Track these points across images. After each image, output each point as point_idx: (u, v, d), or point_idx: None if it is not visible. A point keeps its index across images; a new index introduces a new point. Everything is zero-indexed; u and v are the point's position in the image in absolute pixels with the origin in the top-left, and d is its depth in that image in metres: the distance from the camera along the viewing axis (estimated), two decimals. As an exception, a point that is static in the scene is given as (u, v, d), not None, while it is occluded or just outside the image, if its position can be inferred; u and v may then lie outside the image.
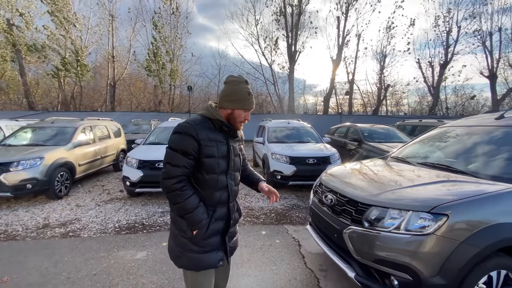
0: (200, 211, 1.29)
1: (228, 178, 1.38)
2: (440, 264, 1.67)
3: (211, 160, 1.30)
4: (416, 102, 26.69)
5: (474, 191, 1.84)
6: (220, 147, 1.33)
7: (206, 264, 1.34)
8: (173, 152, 1.28)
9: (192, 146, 1.26)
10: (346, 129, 8.34)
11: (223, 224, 1.40)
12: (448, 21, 21.40)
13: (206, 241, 1.34)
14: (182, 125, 1.29)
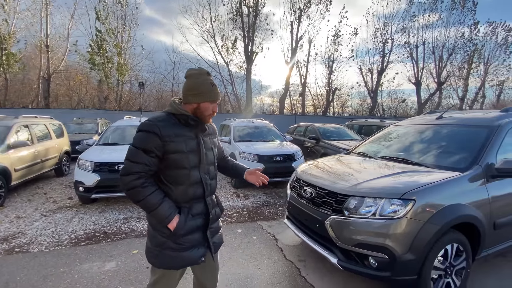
0: (165, 206, 1.25)
1: (201, 172, 1.36)
2: (410, 242, 1.93)
3: (179, 155, 1.28)
4: (358, 104, 29.72)
5: (431, 179, 2.18)
6: (188, 141, 1.31)
7: (186, 261, 1.33)
8: (134, 149, 1.25)
9: (154, 143, 1.23)
10: (304, 129, 8.85)
11: (202, 219, 1.37)
12: (384, 33, 24.35)
13: (185, 238, 1.31)
14: (145, 123, 1.27)
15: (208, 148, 1.42)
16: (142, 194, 1.22)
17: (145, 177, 1.25)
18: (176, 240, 1.29)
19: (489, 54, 27.38)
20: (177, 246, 1.30)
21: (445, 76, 26.80)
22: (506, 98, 30.72)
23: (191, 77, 1.33)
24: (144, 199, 1.23)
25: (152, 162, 1.25)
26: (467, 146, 2.57)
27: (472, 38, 25.46)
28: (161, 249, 1.30)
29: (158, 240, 1.30)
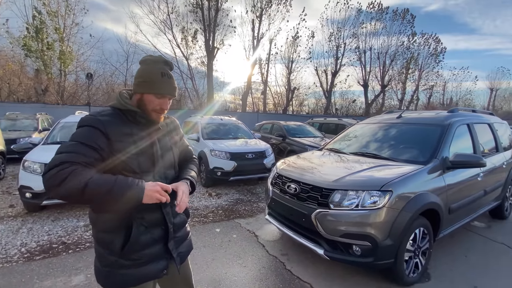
0: (122, 178, 0.97)
1: (156, 177, 1.14)
2: (389, 229, 2.14)
3: (128, 158, 1.06)
4: (314, 104, 31.47)
5: (401, 172, 2.44)
6: (139, 142, 1.10)
7: (144, 277, 1.13)
8: (69, 142, 1.00)
9: (96, 138, 1.00)
10: (271, 126, 9.04)
11: (160, 231, 1.16)
12: (338, 38, 26.13)
13: (141, 253, 1.10)
14: (86, 118, 1.05)
15: (166, 149, 1.22)
16: (82, 179, 0.88)
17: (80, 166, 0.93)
18: (129, 257, 1.09)
19: (422, 61, 31.43)
20: (130, 263, 1.10)
21: (387, 80, 29.98)
22: (435, 101, 35.66)
23: (143, 63, 1.15)
24: (89, 181, 0.89)
25: (91, 154, 0.97)
26: (426, 142, 2.93)
27: (409, 47, 28.95)
28: (111, 269, 1.09)
29: (107, 259, 1.09)
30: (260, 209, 4.34)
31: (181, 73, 20.90)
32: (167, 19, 18.99)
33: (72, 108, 11.26)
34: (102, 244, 1.10)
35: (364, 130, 3.84)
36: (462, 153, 2.67)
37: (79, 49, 16.68)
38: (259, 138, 7.03)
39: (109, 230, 1.09)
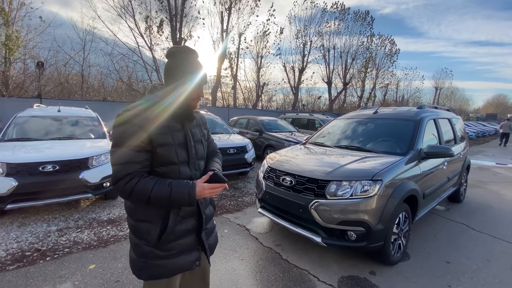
0: (177, 185, 1.07)
1: (191, 168, 1.19)
2: (380, 214, 2.35)
3: (167, 149, 1.11)
4: (282, 100, 32.20)
5: (386, 162, 2.67)
6: (175, 133, 1.14)
7: (178, 268, 1.18)
8: (116, 149, 1.06)
9: (139, 136, 1.05)
10: (247, 121, 9.06)
11: (194, 221, 1.22)
12: (304, 35, 26.92)
13: (175, 243, 1.15)
14: (123, 115, 1.07)
15: (197, 141, 1.26)
16: (146, 191, 1.03)
17: (138, 176, 1.05)
18: (164, 248, 1.13)
19: (379, 61, 33.97)
20: (165, 254, 1.14)
21: (349, 78, 31.84)
22: (389, 98, 38.91)
23: (177, 57, 1.15)
24: (151, 194, 1.03)
25: (142, 158, 1.07)
26: (403, 136, 3.23)
27: (369, 47, 31.04)
28: (146, 260, 1.13)
29: (143, 250, 1.13)
30: (246, 203, 4.38)
31: (145, 64, 19.71)
32: (128, 6, 17.64)
33: (20, 101, 9.93)
34: (138, 234, 1.15)
35: (344, 125, 4.08)
36: (435, 145, 3.02)
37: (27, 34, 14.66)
38: (238, 133, 7.02)
39: (147, 219, 1.14)
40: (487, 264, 2.68)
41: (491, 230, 3.53)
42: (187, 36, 18.67)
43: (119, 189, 1.04)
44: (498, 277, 2.46)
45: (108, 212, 3.76)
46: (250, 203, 4.42)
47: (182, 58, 1.14)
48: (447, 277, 2.46)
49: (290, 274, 2.45)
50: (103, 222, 3.45)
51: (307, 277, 2.41)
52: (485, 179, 6.62)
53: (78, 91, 17.96)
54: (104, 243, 2.90)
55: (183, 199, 1.07)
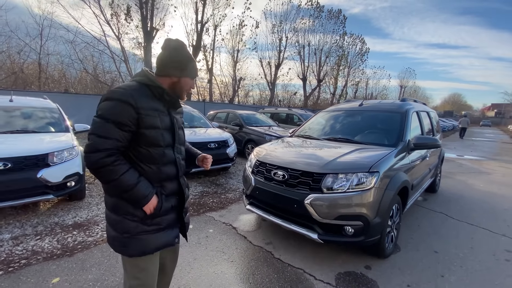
0: (143, 186, 1.15)
1: (175, 151, 1.28)
2: (377, 207, 2.27)
3: (155, 132, 1.16)
4: (259, 95, 32.12)
5: (379, 154, 2.60)
6: (162, 117, 1.20)
7: (162, 243, 1.25)
8: (102, 121, 1.07)
9: (128, 115, 1.08)
10: (226, 115, 8.76)
11: (175, 200, 1.31)
12: (280, 31, 26.91)
13: (161, 219, 1.24)
14: (116, 91, 1.10)
15: (179, 127, 1.35)
16: (115, 173, 1.08)
17: (116, 154, 1.10)
18: (152, 221, 1.20)
19: (351, 59, 35.21)
20: (152, 228, 1.21)
21: (323, 75, 32.61)
22: (360, 95, 40.63)
23: (173, 49, 1.22)
24: (118, 178, 1.09)
25: (125, 137, 1.10)
26: (391, 127, 3.21)
27: (342, 46, 31.96)
28: (131, 235, 1.17)
29: (127, 225, 1.17)
30: (230, 200, 4.14)
31: (112, 54, 18.32)
32: (92, -11, 16.13)
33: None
34: (121, 210, 1.18)
35: (331, 117, 4.00)
36: (423, 136, 3.03)
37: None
38: (217, 127, 6.72)
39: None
40: (472, 252, 2.76)
41: (467, 218, 3.69)
42: (159, 26, 17.64)
43: (92, 160, 1.06)
44: (484, 264, 2.53)
45: (73, 215, 3.31)
46: (234, 199, 4.20)
47: (180, 51, 1.22)
48: (438, 266, 2.47)
49: (285, 275, 2.29)
50: (68, 226, 3.01)
51: (303, 277, 2.27)
52: (453, 170, 7.07)
53: (35, 81, 16.14)
54: (69, 252, 2.51)
55: (138, 199, 1.14)
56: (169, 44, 1.21)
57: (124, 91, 1.09)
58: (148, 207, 1.17)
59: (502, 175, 6.66)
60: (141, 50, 18.54)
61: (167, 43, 1.22)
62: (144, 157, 1.17)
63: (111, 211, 1.20)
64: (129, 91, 1.10)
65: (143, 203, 1.15)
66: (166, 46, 1.21)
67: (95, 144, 1.06)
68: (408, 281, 2.24)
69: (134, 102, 1.09)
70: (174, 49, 1.21)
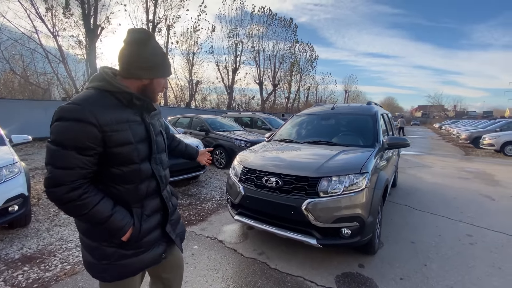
0: (118, 217, 1.00)
1: (152, 163, 1.10)
2: (370, 207, 2.35)
3: (127, 148, 0.99)
4: (217, 99, 31.69)
5: (363, 155, 2.72)
6: (134, 128, 1.02)
7: (145, 264, 1.12)
8: (58, 148, 0.89)
9: (89, 136, 0.90)
10: (189, 120, 8.35)
11: (159, 216, 1.17)
12: (236, 35, 27.08)
13: (142, 242, 1.09)
14: (69, 108, 0.90)
15: (158, 133, 1.17)
16: (85, 207, 0.93)
17: (83, 185, 0.93)
18: (131, 246, 1.06)
19: (302, 66, 37.28)
20: (132, 252, 1.08)
21: (278, 80, 33.82)
22: (311, 99, 43.19)
23: (139, 43, 0.99)
24: (88, 212, 0.94)
25: (90, 162, 0.93)
26: (365, 129, 3.40)
27: (294, 53, 33.63)
28: (110, 261, 1.05)
29: (104, 251, 1.04)
30: (208, 211, 3.89)
31: (47, 53, 16.01)
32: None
33: None
34: (96, 237, 1.05)
35: (306, 121, 4.09)
36: (394, 137, 3.28)
37: None
38: (183, 133, 6.33)
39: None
40: (442, 239, 3.06)
41: (428, 208, 4.12)
42: (104, 24, 16.06)
43: (56, 196, 0.90)
44: (455, 250, 2.82)
45: (19, 247, 2.69)
46: (212, 210, 3.96)
47: (146, 46, 0.99)
48: (419, 256, 2.67)
49: (286, 285, 2.20)
50: (15, 262, 2.43)
51: (305, 284, 2.21)
52: (402, 165, 7.90)
53: None
54: (23, 295, 2.01)
55: (113, 231, 1.00)
56: (135, 37, 0.98)
57: (80, 107, 0.89)
58: (125, 237, 1.03)
59: (441, 167, 7.71)
60: (83, 49, 16.66)
61: (131, 36, 0.99)
62: (118, 177, 1.01)
63: (85, 236, 1.07)
64: (87, 106, 0.90)
65: (119, 235, 1.01)
66: (131, 40, 0.98)
67: (55, 177, 0.89)
68: (400, 274, 2.35)
69: (95, 119, 0.90)
70: (142, 43, 0.98)
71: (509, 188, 5.35)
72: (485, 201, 4.50)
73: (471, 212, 3.96)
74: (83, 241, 1.09)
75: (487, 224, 3.48)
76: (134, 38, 0.98)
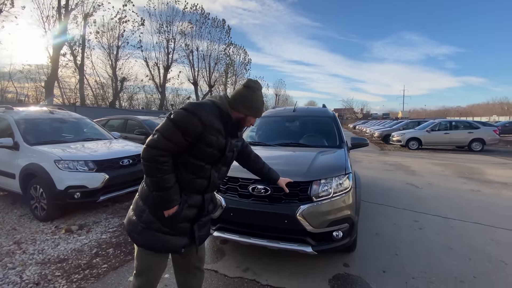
0: (173, 192, 1.24)
1: (213, 169, 1.34)
2: (355, 206, 2.39)
3: (208, 149, 1.25)
4: (146, 98, 28.91)
5: (338, 155, 2.78)
6: (220, 139, 1.29)
7: (168, 247, 1.31)
8: (172, 126, 1.19)
9: (194, 128, 1.19)
10: (123, 122, 7.25)
11: (196, 211, 1.34)
12: (168, 32, 25.27)
13: (176, 225, 1.29)
14: (194, 104, 1.23)
15: (231, 150, 1.39)
16: (159, 172, 1.19)
17: (169, 156, 1.21)
18: (166, 224, 1.27)
19: (237, 68, 37.75)
20: (165, 230, 1.28)
21: (213, 81, 33.30)
22: (246, 101, 44.04)
23: (250, 89, 1.34)
24: (159, 177, 1.20)
25: (183, 146, 1.21)
26: (329, 130, 3.53)
27: (229, 54, 33.67)
28: (146, 226, 1.26)
29: (147, 217, 1.27)
30: (168, 228, 3.36)
31: None
32: None
33: None
34: (149, 202, 1.29)
35: (271, 123, 4.00)
36: (356, 137, 3.50)
37: None
38: (120, 137, 5.39)
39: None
40: (398, 227, 3.43)
41: (374, 199, 4.60)
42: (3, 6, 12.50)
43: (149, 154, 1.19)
44: (411, 236, 3.18)
45: None
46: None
47: (254, 93, 1.34)
48: (388, 247, 2.90)
49: (285, 301, 2.03)
50: None
51: (303, 297, 2.08)
52: (339, 162, 8.78)
53: None
54: None
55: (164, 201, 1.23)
56: (248, 84, 1.35)
57: (200, 106, 1.22)
58: (168, 211, 1.24)
59: (369, 162, 8.90)
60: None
61: (247, 83, 1.36)
62: (187, 165, 1.26)
63: (141, 199, 1.32)
64: (204, 107, 1.23)
65: (166, 207, 1.23)
66: (246, 85, 1.35)
67: (158, 141, 1.18)
68: (381, 267, 2.48)
69: (205, 118, 1.20)
70: (250, 90, 1.33)
71: (425, 176, 6.54)
72: (413, 189, 5.34)
73: (407, 200, 4.61)
74: (136, 203, 1.34)
75: (424, 209, 4.10)
76: (249, 85, 1.34)
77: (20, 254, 2.60)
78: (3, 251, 2.63)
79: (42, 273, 2.30)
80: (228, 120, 1.30)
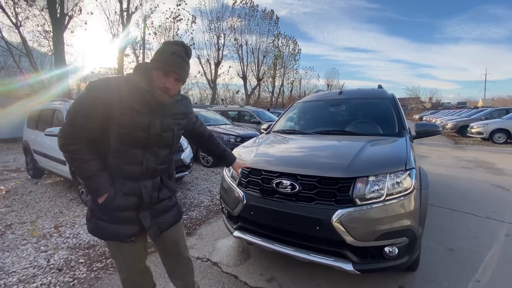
0: (98, 180, 1.12)
1: (146, 153, 1.19)
2: (419, 214, 1.75)
3: (122, 130, 1.11)
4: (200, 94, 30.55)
5: (400, 145, 2.11)
6: (136, 118, 1.11)
7: (112, 235, 1.21)
8: (72, 111, 1.09)
9: (97, 109, 1.06)
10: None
11: (135, 199, 1.20)
12: (218, 28, 25.97)
13: (113, 214, 1.18)
14: (93, 83, 1.09)
15: (167, 129, 1.23)
16: (74, 162, 1.12)
17: (80, 143, 1.10)
18: (103, 212, 1.18)
19: (285, 59, 36.73)
20: (105, 218, 1.19)
21: (262, 74, 33.11)
22: (295, 93, 42.92)
23: (163, 44, 1.18)
24: (76, 167, 1.13)
25: (93, 131, 1.10)
26: (386, 115, 2.81)
27: (277, 46, 32.96)
28: (91, 215, 1.22)
29: (91, 205, 1.22)
30: (196, 221, 3.18)
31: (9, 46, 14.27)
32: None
33: None
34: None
35: (311, 108, 3.47)
36: (423, 123, 2.72)
37: None
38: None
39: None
40: (479, 242, 2.55)
41: (447, 203, 3.63)
42: (72, 12, 14.52)
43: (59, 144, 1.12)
44: (498, 256, 2.31)
45: None
46: (202, 219, 3.25)
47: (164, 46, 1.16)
48: (466, 268, 2.14)
49: (315, 331, 1.57)
50: None
51: (340, 328, 1.59)
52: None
53: None
54: None
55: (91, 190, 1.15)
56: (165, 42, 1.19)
57: (99, 84, 1.09)
58: (99, 199, 1.16)
59: (438, 157, 7.43)
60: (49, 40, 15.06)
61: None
62: (107, 150, 1.15)
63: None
64: (104, 84, 1.08)
65: (95, 196, 1.15)
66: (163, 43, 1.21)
67: (64, 130, 1.10)
68: (457, 301, 1.79)
69: (112, 97, 1.06)
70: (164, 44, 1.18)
71: (518, 177, 5.06)
72: (500, 192, 4.13)
73: (493, 206, 3.53)
74: None
75: (520, 220, 3.04)
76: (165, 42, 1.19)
77: (57, 237, 2.72)
78: (43, 233, 2.79)
79: (68, 258, 2.32)
80: (144, 91, 1.11)
